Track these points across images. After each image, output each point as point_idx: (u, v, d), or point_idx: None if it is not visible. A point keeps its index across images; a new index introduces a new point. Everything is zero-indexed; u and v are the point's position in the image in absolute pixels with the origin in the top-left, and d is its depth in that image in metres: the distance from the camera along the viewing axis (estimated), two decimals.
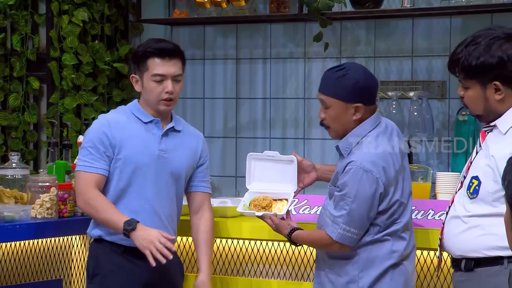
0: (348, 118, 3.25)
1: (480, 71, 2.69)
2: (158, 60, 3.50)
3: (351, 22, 4.65)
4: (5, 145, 5.18)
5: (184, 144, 3.63)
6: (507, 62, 2.67)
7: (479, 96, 2.73)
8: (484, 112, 2.76)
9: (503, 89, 2.70)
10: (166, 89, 3.51)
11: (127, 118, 3.57)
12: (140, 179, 3.53)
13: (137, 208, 3.52)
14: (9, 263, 4.00)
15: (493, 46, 2.68)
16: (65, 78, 4.97)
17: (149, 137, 3.56)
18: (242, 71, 4.93)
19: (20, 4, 5.10)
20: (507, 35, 2.71)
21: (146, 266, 3.51)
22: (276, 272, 4.03)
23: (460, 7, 4.27)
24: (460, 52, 2.72)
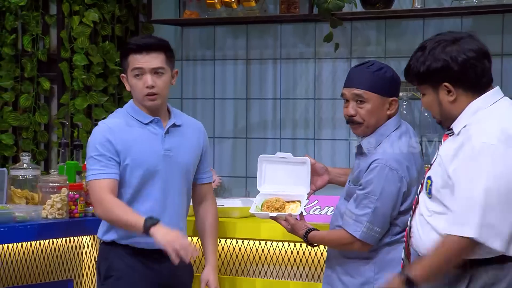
0: (384, 112, 3.28)
1: (428, 76, 2.72)
2: (136, 55, 3.48)
3: (362, 22, 4.65)
4: (16, 146, 5.19)
5: (187, 138, 3.61)
6: (451, 63, 2.69)
7: (433, 100, 2.75)
8: (441, 116, 2.78)
9: (454, 90, 2.71)
10: (146, 83, 3.47)
11: (127, 121, 3.54)
12: (149, 182, 3.52)
13: (149, 211, 3.48)
14: (20, 263, 4.02)
15: (436, 50, 2.71)
16: (75, 78, 4.98)
17: (152, 137, 3.53)
18: (252, 72, 4.93)
19: (31, 5, 5.10)
20: (454, 38, 2.74)
21: (158, 267, 3.53)
22: (287, 272, 4.03)
23: (471, 7, 4.27)
24: (411, 60, 2.77)
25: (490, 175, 2.60)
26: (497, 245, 2.59)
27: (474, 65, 2.71)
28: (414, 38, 4.53)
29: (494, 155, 2.60)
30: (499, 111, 2.71)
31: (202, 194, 3.73)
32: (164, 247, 3.31)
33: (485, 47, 2.76)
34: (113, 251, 3.57)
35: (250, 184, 4.89)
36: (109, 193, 3.44)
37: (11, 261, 3.98)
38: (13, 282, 4.00)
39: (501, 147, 2.61)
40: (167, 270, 3.50)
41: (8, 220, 3.83)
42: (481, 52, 2.73)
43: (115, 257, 3.57)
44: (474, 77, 2.72)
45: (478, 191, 2.60)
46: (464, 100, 2.72)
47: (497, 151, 2.61)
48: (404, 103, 4.44)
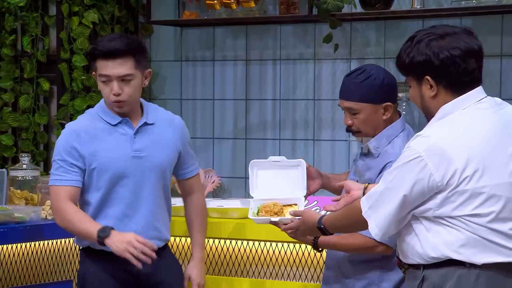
0: (379, 119, 3.28)
1: (412, 68, 2.71)
2: (103, 61, 3.36)
3: (361, 23, 4.65)
4: (16, 147, 5.19)
5: (161, 136, 3.48)
6: (433, 58, 2.66)
7: (416, 93, 2.74)
8: (422, 110, 2.77)
9: (435, 85, 2.69)
10: (112, 91, 3.37)
11: (94, 123, 3.45)
12: (119, 184, 3.42)
13: (121, 215, 3.42)
14: (19, 264, 4.02)
15: (421, 44, 2.69)
16: (75, 79, 4.98)
17: (121, 139, 3.43)
18: (252, 72, 4.93)
19: (31, 6, 5.10)
20: (445, 33, 2.70)
21: (134, 270, 3.41)
22: (287, 273, 4.04)
23: (470, 8, 4.26)
24: (400, 50, 2.77)
25: (394, 173, 2.66)
26: (372, 230, 2.71)
27: (456, 63, 2.66)
28: None
29: (410, 160, 2.63)
30: (459, 121, 2.68)
31: (188, 188, 3.62)
32: (121, 256, 3.27)
33: (476, 46, 2.71)
34: (89, 257, 3.48)
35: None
36: (67, 201, 3.37)
37: (10, 262, 3.98)
38: (13, 282, 4.00)
39: (422, 157, 2.61)
40: (144, 271, 3.40)
41: (8, 221, 3.84)
42: (468, 51, 2.68)
43: (90, 263, 3.48)
44: (455, 75, 2.67)
45: (381, 187, 2.70)
46: (443, 97, 2.70)
47: (416, 158, 2.61)
48: (404, 103, 4.43)
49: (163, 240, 3.50)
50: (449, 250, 2.63)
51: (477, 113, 2.69)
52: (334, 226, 2.97)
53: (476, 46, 2.71)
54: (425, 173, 2.60)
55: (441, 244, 2.64)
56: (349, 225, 2.91)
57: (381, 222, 2.69)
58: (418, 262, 2.70)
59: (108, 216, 3.41)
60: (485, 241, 2.61)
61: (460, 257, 2.62)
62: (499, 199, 2.59)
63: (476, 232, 2.61)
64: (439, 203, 2.62)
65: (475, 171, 2.60)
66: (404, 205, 2.65)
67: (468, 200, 2.60)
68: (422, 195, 2.63)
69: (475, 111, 2.69)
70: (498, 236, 2.62)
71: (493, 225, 2.61)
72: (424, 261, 2.68)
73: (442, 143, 2.62)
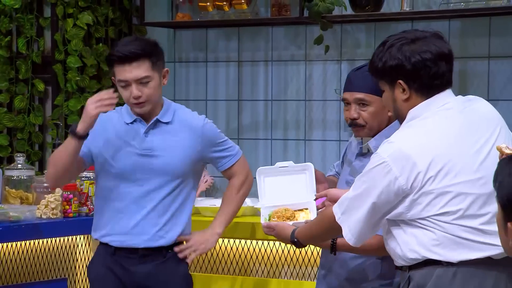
0: (385, 115, 3.25)
1: (384, 72, 2.73)
2: (120, 66, 3.39)
3: (351, 25, 4.66)
4: (11, 147, 5.17)
5: (177, 137, 3.48)
6: (404, 62, 2.68)
7: (389, 97, 2.76)
8: (394, 113, 2.76)
9: (407, 89, 2.71)
10: (132, 94, 3.39)
11: (115, 118, 3.50)
12: (126, 181, 3.45)
13: (125, 209, 3.46)
14: (15, 262, 4.04)
15: (393, 48, 2.70)
16: (69, 80, 4.98)
17: (132, 136, 3.46)
18: (244, 74, 4.94)
19: (26, 8, 5.09)
20: (415, 38, 2.72)
21: (136, 269, 3.46)
22: (284, 272, 4.06)
23: (459, 10, 4.29)
24: (373, 55, 2.78)
25: (364, 180, 2.69)
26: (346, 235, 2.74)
27: (427, 66, 2.68)
28: None
29: (376, 166, 2.66)
30: (422, 125, 2.69)
31: (228, 176, 3.63)
32: (91, 112, 3.34)
33: (446, 49, 2.73)
34: (98, 251, 3.54)
35: None
36: None
37: (5, 260, 4.00)
38: (8, 281, 4.01)
39: (387, 163, 2.64)
40: (145, 271, 3.45)
41: (3, 220, 3.85)
42: (438, 54, 2.70)
43: (96, 259, 3.53)
44: (426, 79, 2.69)
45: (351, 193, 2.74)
46: (415, 100, 2.71)
47: (382, 164, 2.65)
48: None
49: (168, 240, 3.48)
50: (425, 250, 2.65)
51: (442, 114, 2.71)
52: (308, 237, 2.97)
53: (447, 49, 2.72)
54: (390, 178, 2.63)
55: (417, 245, 2.66)
56: (324, 233, 2.91)
57: (353, 227, 2.71)
58: (402, 264, 2.72)
59: (113, 208, 3.46)
60: (458, 239, 2.63)
61: (436, 257, 2.64)
62: (466, 196, 2.61)
63: (447, 230, 2.63)
64: (408, 206, 2.64)
65: (438, 171, 2.62)
66: (374, 211, 2.68)
67: (434, 200, 2.63)
68: (389, 199, 2.65)
69: (440, 112, 2.71)
70: (470, 232, 2.63)
71: (462, 221, 2.63)
72: (406, 263, 2.70)
73: (405, 148, 2.64)
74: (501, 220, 2.02)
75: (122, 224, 3.45)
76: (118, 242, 3.46)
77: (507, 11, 4.25)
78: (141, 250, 3.45)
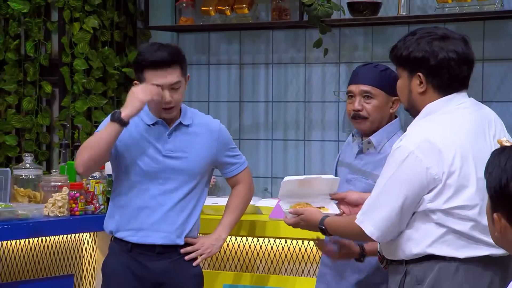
0: (387, 110, 3.32)
1: (407, 61, 2.71)
2: (153, 72, 3.40)
3: (350, 29, 4.66)
4: (19, 147, 5.19)
5: (197, 139, 3.53)
6: (430, 57, 2.68)
7: (405, 85, 2.74)
8: (408, 104, 2.77)
9: (425, 83, 2.69)
10: (164, 99, 3.42)
11: (134, 119, 3.48)
12: (147, 179, 3.49)
13: (143, 205, 3.49)
14: (23, 259, 4.04)
15: (422, 40, 2.70)
16: (76, 82, 5.00)
17: (155, 137, 3.49)
18: (245, 76, 4.94)
19: (34, 12, 5.11)
20: (445, 35, 2.71)
21: (152, 266, 3.49)
22: (284, 268, 4.04)
23: (454, 15, 4.29)
24: (399, 41, 2.77)
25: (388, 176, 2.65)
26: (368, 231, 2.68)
27: (450, 66, 2.68)
28: None
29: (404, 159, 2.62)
30: (444, 119, 2.69)
31: (232, 184, 3.69)
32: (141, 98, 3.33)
33: (471, 54, 2.72)
34: (111, 248, 3.56)
35: None
36: None
37: (14, 257, 4.01)
38: (16, 277, 4.02)
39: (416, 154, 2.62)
40: (161, 268, 3.48)
41: (12, 218, 3.86)
42: (463, 57, 2.70)
43: (111, 255, 3.56)
44: (447, 78, 2.69)
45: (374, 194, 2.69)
46: (431, 96, 2.70)
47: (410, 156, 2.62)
48: None
49: (183, 238, 3.53)
50: (431, 246, 2.64)
51: (459, 112, 2.71)
52: (335, 231, 2.90)
53: (471, 55, 2.73)
54: (421, 169, 2.60)
55: (424, 240, 2.65)
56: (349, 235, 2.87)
57: (378, 223, 2.65)
58: (399, 258, 2.71)
59: (133, 205, 3.49)
60: (465, 235, 2.63)
61: (441, 252, 2.64)
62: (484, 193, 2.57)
63: (459, 226, 2.62)
64: (432, 197, 2.62)
65: (461, 165, 2.61)
66: (404, 204, 2.62)
67: (455, 193, 2.61)
68: (420, 191, 2.62)
69: (459, 110, 2.71)
70: (477, 229, 2.63)
71: (479, 217, 2.62)
72: (405, 257, 2.68)
73: (432, 139, 2.62)
74: (489, 210, 2.04)
75: (141, 221, 3.48)
76: (135, 238, 3.49)
77: (500, 16, 4.27)
78: (158, 247, 3.49)
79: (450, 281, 2.63)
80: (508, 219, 1.99)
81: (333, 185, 3.13)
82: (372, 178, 3.26)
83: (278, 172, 4.87)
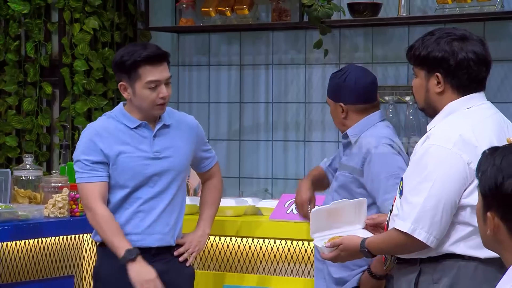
0: (339, 117, 3.42)
1: (425, 61, 2.71)
2: (149, 67, 3.38)
3: (350, 29, 4.67)
4: (20, 148, 5.18)
5: (178, 136, 3.52)
6: (450, 57, 2.68)
7: (422, 85, 2.74)
8: (425, 104, 2.76)
9: (443, 83, 2.70)
10: (161, 94, 3.40)
11: (115, 124, 3.46)
12: (139, 184, 3.46)
13: (137, 210, 3.47)
14: (23, 260, 4.04)
15: (442, 40, 2.69)
16: (76, 83, 4.99)
17: (141, 141, 3.46)
18: (246, 77, 4.95)
19: (34, 13, 5.10)
20: (464, 36, 2.72)
21: None
22: (279, 269, 4.06)
23: (454, 15, 4.31)
24: (417, 41, 2.77)
25: (433, 178, 2.62)
26: (426, 239, 2.63)
27: (470, 67, 2.68)
28: (399, 44, 4.57)
29: (444, 158, 2.61)
30: (469, 116, 2.69)
31: (206, 178, 3.69)
32: (133, 283, 3.36)
33: (489, 56, 2.73)
34: (104, 252, 3.50)
35: (243, 184, 4.93)
36: (98, 200, 3.40)
37: (14, 258, 4.01)
38: (17, 278, 4.02)
39: (454, 151, 2.61)
40: (157, 270, 3.44)
41: (12, 219, 3.86)
42: (482, 59, 2.70)
43: (105, 259, 3.51)
44: (465, 78, 2.69)
45: (423, 195, 2.63)
46: (449, 96, 2.70)
47: (450, 155, 2.61)
48: (390, 106, 4.47)
49: (176, 238, 3.53)
50: (453, 245, 2.63)
51: (482, 111, 2.72)
52: (379, 250, 2.79)
53: (489, 57, 2.73)
54: (462, 165, 2.59)
55: (445, 239, 2.63)
56: (394, 249, 2.74)
57: (431, 228, 2.61)
58: (416, 257, 2.68)
59: (125, 212, 3.46)
60: None
61: (462, 252, 2.63)
62: None
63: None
64: (468, 192, 2.62)
65: None
66: (455, 203, 2.61)
67: None
68: (461, 187, 2.60)
69: (480, 110, 2.72)
70: None
71: None
72: (422, 255, 2.66)
73: (465, 135, 2.62)
74: (480, 209, 2.04)
75: (135, 225, 3.46)
76: (131, 243, 3.45)
77: (500, 17, 4.28)
78: (154, 249, 3.48)
79: (469, 281, 2.63)
80: (502, 218, 1.99)
81: (361, 206, 3.02)
82: (346, 169, 3.34)
83: (279, 173, 4.88)
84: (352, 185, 3.36)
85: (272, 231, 4.07)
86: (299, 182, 3.64)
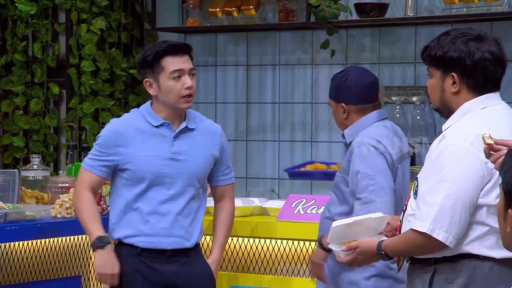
0: (340, 117, 3.44)
1: (441, 61, 2.70)
2: (172, 57, 3.41)
3: (357, 30, 4.68)
4: (27, 148, 5.20)
5: (200, 141, 3.51)
6: (466, 57, 2.66)
7: (437, 85, 2.73)
8: (440, 104, 2.75)
9: (459, 83, 2.68)
10: (186, 84, 3.41)
11: (138, 122, 3.47)
12: (154, 184, 3.45)
13: (151, 211, 3.47)
14: (30, 260, 4.05)
15: (458, 41, 2.68)
16: (83, 84, 5.02)
17: (160, 140, 3.45)
18: (252, 77, 4.96)
19: (41, 14, 5.12)
20: (479, 36, 2.70)
21: (163, 268, 3.49)
22: (286, 269, 4.06)
23: (461, 16, 4.32)
24: (432, 41, 2.76)
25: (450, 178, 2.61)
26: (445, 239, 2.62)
27: (486, 67, 2.67)
28: (406, 45, 4.59)
29: (461, 158, 2.60)
30: (485, 116, 2.67)
31: (219, 195, 3.64)
32: (95, 272, 3.44)
33: (504, 56, 2.72)
34: (118, 253, 3.50)
35: (250, 185, 4.94)
36: (87, 188, 3.48)
37: (21, 258, 4.02)
38: (24, 278, 4.03)
39: (471, 151, 2.61)
40: (172, 271, 3.47)
41: (19, 219, 3.87)
42: (498, 59, 2.69)
43: (120, 258, 3.50)
44: (482, 78, 2.68)
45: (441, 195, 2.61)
46: (464, 96, 2.69)
47: (467, 154, 2.60)
48: (397, 107, 4.48)
49: (191, 241, 3.52)
50: (469, 245, 2.62)
51: (498, 111, 2.72)
52: (396, 252, 2.76)
53: (504, 57, 2.72)
54: (481, 163, 2.59)
55: (462, 239, 2.62)
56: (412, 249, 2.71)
57: (450, 227, 2.60)
58: (431, 257, 2.66)
59: (138, 211, 3.46)
60: None
61: (478, 251, 2.62)
62: None
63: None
64: (486, 192, 2.61)
65: None
66: (473, 202, 2.61)
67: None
68: (481, 185, 2.60)
69: (496, 109, 2.72)
70: None
71: None
72: (438, 255, 2.65)
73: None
74: (502, 207, 2.03)
75: (150, 226, 3.46)
76: (145, 243, 3.47)
77: (507, 17, 4.29)
78: (168, 251, 3.48)
79: (484, 281, 2.63)
80: None
81: (382, 222, 2.92)
82: (339, 169, 3.41)
83: (285, 173, 4.88)
84: (341, 184, 3.41)
85: (279, 231, 4.07)
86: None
